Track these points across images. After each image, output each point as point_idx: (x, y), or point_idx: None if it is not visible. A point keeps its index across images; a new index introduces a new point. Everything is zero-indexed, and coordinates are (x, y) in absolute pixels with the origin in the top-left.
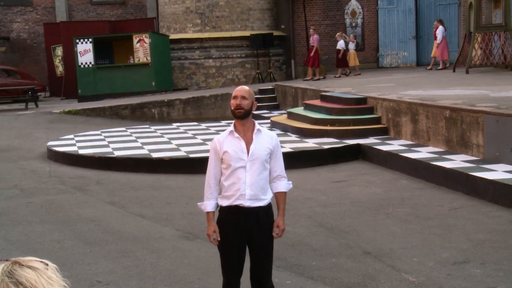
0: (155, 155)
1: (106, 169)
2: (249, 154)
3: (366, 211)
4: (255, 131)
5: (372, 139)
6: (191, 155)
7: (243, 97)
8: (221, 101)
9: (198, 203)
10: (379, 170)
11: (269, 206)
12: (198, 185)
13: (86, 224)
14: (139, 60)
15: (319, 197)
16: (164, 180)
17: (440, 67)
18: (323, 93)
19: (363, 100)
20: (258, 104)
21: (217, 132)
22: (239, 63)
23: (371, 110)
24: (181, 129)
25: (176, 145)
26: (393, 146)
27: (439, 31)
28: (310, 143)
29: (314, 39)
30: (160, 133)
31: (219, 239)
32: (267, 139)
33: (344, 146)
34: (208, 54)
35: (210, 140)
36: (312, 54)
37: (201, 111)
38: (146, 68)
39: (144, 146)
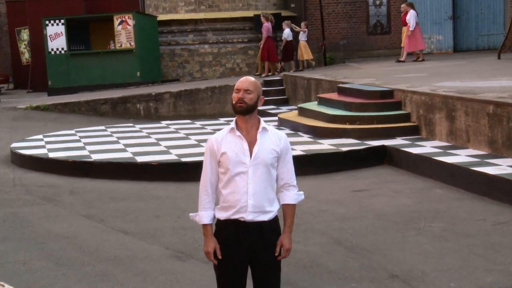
0: (140, 159)
1: (82, 176)
2: (252, 157)
3: (393, 226)
4: (260, 129)
5: (399, 140)
6: (184, 159)
7: (247, 90)
8: (219, 94)
9: (191, 214)
10: (408, 177)
11: (275, 219)
12: (192, 195)
13: (58, 241)
14: (121, 46)
15: (336, 209)
16: (151, 188)
17: (420, 59)
18: (341, 85)
19: (389, 93)
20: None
21: (214, 132)
22: (241, 50)
23: (398, 105)
24: (172, 128)
25: (165, 147)
26: (425, 148)
27: (411, 16)
28: (326, 145)
29: (263, 28)
30: (147, 133)
31: (220, 257)
32: (274, 140)
33: (367, 148)
34: (203, 39)
35: (205, 141)
36: (262, 46)
37: (195, 106)
38: (129, 55)
39: (128, 149)
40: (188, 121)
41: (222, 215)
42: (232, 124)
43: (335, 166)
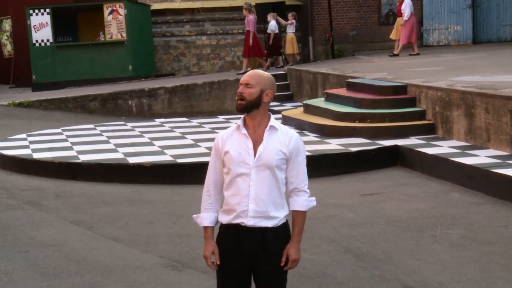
0: (132, 160)
1: (69, 179)
2: (256, 158)
3: (407, 232)
4: (268, 127)
5: (414, 140)
6: (179, 160)
7: (247, 85)
8: (217, 90)
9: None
10: (423, 179)
11: (282, 227)
12: (188, 199)
13: (43, 250)
14: (111, 38)
15: (345, 215)
16: (144, 192)
17: (415, 53)
18: (350, 80)
19: (403, 89)
20: None
21: (212, 131)
22: (241, 41)
23: (412, 102)
24: (166, 126)
25: (159, 147)
26: (442, 148)
27: (406, 5)
28: (333, 145)
29: (248, 21)
30: (139, 132)
31: (218, 262)
32: (283, 140)
33: (378, 148)
34: (201, 30)
35: (203, 141)
36: (250, 41)
37: (192, 103)
38: (120, 47)
39: (119, 149)
40: (184, 119)
41: (224, 219)
42: (240, 121)
43: (343, 168)
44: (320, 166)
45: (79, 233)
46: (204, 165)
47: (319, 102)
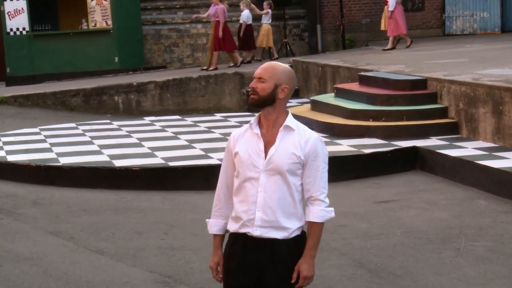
0: (119, 163)
1: (48, 184)
2: (266, 161)
3: (427, 245)
4: (282, 127)
5: (435, 140)
6: (172, 164)
7: (260, 78)
8: (214, 85)
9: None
10: (445, 185)
11: (295, 239)
12: (182, 207)
13: (19, 264)
14: (95, 26)
15: (357, 225)
16: (132, 199)
17: (408, 44)
18: (363, 73)
19: (422, 83)
20: None
21: (208, 130)
22: None
23: (433, 98)
24: (157, 125)
25: (149, 148)
26: (466, 150)
27: None
28: (344, 146)
29: (218, 11)
30: (127, 132)
31: (221, 275)
32: (298, 141)
33: (394, 150)
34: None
35: (198, 142)
36: (220, 33)
37: (186, 99)
38: (106, 37)
39: (104, 150)
40: (177, 117)
41: (232, 227)
42: (254, 119)
43: (355, 172)
44: (329, 170)
45: (59, 245)
46: (199, 169)
47: (328, 98)
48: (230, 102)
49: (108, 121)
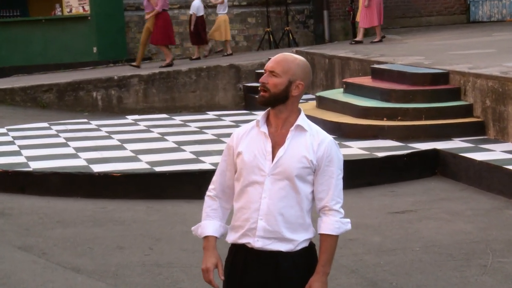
0: (98, 168)
1: (17, 192)
2: (273, 163)
3: (449, 261)
4: (293, 127)
5: (458, 142)
6: (158, 169)
7: (272, 72)
8: (207, 79)
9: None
10: (469, 193)
11: (302, 252)
12: (169, 218)
13: None
14: (70, 12)
15: (369, 238)
16: (113, 209)
17: (376, 40)
18: (376, 66)
19: (444, 77)
20: None
21: (200, 130)
22: (237, 17)
23: (456, 94)
24: (141, 125)
25: (132, 151)
26: (494, 153)
27: None
28: (355, 149)
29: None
30: (107, 132)
31: (222, 277)
32: (311, 144)
33: (412, 153)
34: (185, 2)
35: (188, 144)
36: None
37: (174, 95)
38: (82, 24)
39: (80, 154)
40: (164, 115)
41: (231, 237)
42: (261, 116)
43: (367, 178)
44: None
45: (30, 261)
46: (190, 175)
47: (337, 94)
48: (224, 98)
49: (85, 120)
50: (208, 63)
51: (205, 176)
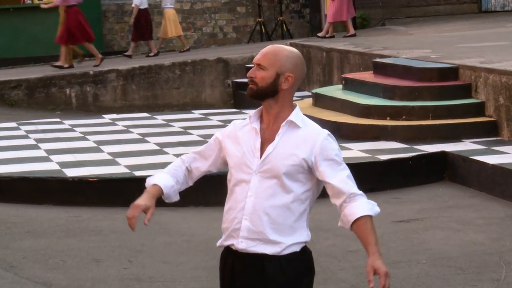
0: (71, 172)
1: None
2: (260, 160)
3: (458, 275)
4: (285, 122)
5: (468, 144)
6: (138, 173)
7: (259, 65)
8: (192, 74)
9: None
10: (481, 199)
11: (291, 258)
12: (151, 228)
13: None
14: (41, 0)
15: None
16: (88, 218)
17: (347, 34)
18: (378, 60)
19: (453, 72)
20: None
21: (184, 131)
22: (225, 5)
23: (466, 91)
24: (120, 125)
25: (110, 154)
26: (508, 156)
27: None
28: (355, 151)
29: None
30: (81, 133)
31: (146, 222)
32: (304, 141)
33: (418, 156)
34: None
35: (172, 145)
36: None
37: (156, 92)
38: (54, 14)
39: (52, 157)
40: (145, 114)
41: (219, 240)
42: (254, 111)
43: (369, 184)
44: None
45: None
46: None
47: (335, 91)
48: (211, 96)
49: (57, 119)
50: (193, 56)
51: None
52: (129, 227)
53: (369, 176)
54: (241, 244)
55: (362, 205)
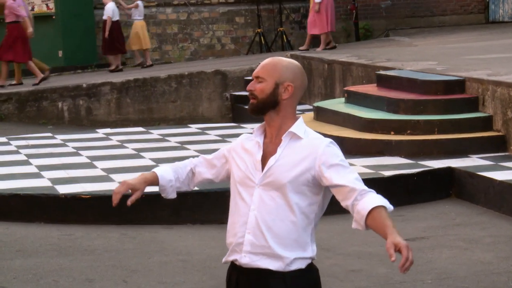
0: (64, 189)
1: None
2: (263, 173)
3: None
4: (286, 134)
5: (476, 159)
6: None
7: (258, 78)
8: (189, 87)
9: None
10: (489, 217)
11: (297, 274)
12: (146, 246)
13: None
14: (32, 10)
15: (374, 269)
16: (81, 236)
17: (327, 47)
18: (382, 72)
19: (459, 85)
20: None
21: (181, 146)
22: (223, 16)
23: (473, 104)
24: (114, 140)
25: (103, 170)
26: None
27: None
28: (358, 166)
29: (8, 6)
30: (74, 148)
31: (129, 202)
32: (306, 151)
33: (423, 172)
34: None
35: (168, 161)
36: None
37: (152, 105)
38: (46, 24)
39: (44, 173)
40: (140, 129)
41: (225, 256)
42: (258, 126)
43: None
44: (335, 199)
45: None
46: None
47: (337, 104)
48: (209, 109)
49: (49, 134)
50: (190, 68)
51: (186, 199)
52: (113, 201)
53: None
54: (244, 259)
55: (374, 198)
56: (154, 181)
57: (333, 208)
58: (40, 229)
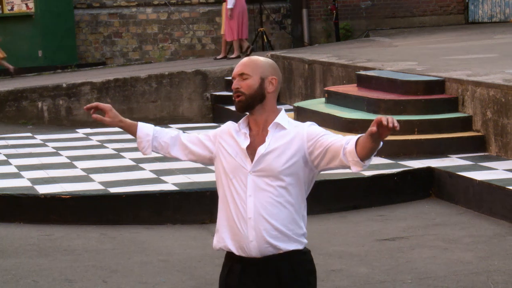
0: (43, 189)
1: None
2: (254, 161)
3: None
4: (272, 124)
5: (455, 159)
6: (113, 190)
7: (242, 75)
8: (169, 87)
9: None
10: (468, 217)
11: (298, 253)
12: (126, 247)
13: None
14: (12, 10)
15: (355, 269)
16: (60, 237)
17: (234, 54)
18: (362, 72)
19: (439, 86)
20: None
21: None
22: (203, 16)
23: (453, 104)
24: (94, 140)
25: (83, 170)
26: (496, 172)
27: None
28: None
29: None
30: (54, 148)
31: (91, 113)
32: (292, 137)
33: (403, 172)
34: None
35: (148, 161)
36: None
37: (132, 105)
38: (26, 24)
39: (23, 173)
40: (120, 129)
41: (218, 244)
42: (241, 120)
43: (353, 201)
44: (319, 198)
45: None
46: (149, 197)
47: (318, 104)
48: (189, 109)
49: (29, 134)
50: (170, 68)
51: (167, 199)
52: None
53: (353, 193)
54: (252, 244)
55: (357, 135)
56: (132, 127)
57: (314, 208)
58: (19, 229)
